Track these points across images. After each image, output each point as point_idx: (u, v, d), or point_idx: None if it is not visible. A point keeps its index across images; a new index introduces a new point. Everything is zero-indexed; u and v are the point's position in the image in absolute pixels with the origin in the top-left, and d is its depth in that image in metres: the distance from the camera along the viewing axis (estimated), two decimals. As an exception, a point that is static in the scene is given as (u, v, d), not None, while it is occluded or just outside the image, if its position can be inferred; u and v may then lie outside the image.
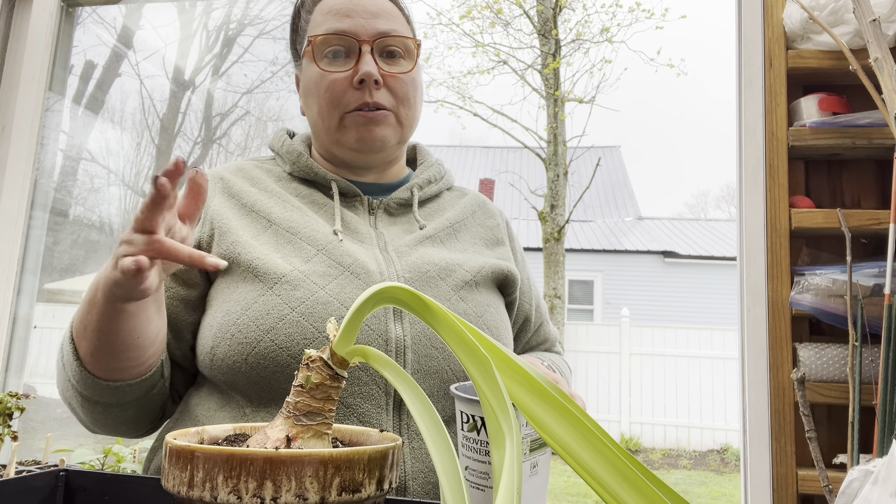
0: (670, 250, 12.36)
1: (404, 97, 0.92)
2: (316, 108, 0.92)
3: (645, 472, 0.42)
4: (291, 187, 0.94)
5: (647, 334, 8.44)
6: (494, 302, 0.94)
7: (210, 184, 0.91)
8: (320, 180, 0.94)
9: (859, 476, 0.59)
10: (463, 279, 0.90)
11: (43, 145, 2.05)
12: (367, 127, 0.90)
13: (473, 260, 0.94)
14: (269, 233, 0.87)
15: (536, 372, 0.46)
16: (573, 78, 9.51)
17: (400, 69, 0.92)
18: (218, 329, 0.82)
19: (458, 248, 0.96)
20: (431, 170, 1.03)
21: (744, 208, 1.56)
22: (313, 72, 0.91)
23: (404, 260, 0.88)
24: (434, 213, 1.00)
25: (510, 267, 0.98)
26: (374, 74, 0.88)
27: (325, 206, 0.92)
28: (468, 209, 1.03)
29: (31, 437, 2.13)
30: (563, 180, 8.73)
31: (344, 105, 0.90)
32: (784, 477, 1.43)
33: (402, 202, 0.97)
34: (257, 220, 0.88)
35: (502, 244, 1.04)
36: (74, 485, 0.66)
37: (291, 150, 0.96)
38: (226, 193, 0.91)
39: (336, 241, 0.86)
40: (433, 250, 0.92)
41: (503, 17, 9.63)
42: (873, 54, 1.28)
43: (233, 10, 2.56)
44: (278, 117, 2.54)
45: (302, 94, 0.96)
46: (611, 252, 12.45)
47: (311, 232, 0.87)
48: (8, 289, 1.93)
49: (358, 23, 0.90)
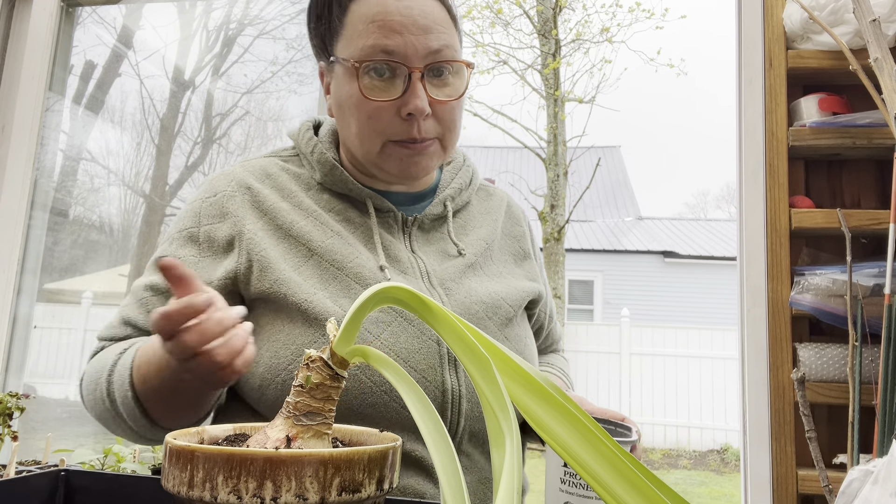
0: (670, 250, 12.35)
1: (451, 123, 0.85)
2: (354, 129, 0.84)
3: (645, 472, 0.42)
4: (323, 200, 0.89)
5: (647, 334, 8.44)
6: (526, 329, 0.95)
7: (237, 194, 0.87)
8: (354, 195, 0.89)
9: (859, 476, 0.59)
10: (506, 315, 0.89)
11: (43, 145, 2.05)
12: (411, 159, 0.84)
13: (511, 289, 0.92)
14: (312, 264, 0.83)
15: (537, 372, 0.46)
16: (573, 78, 9.51)
17: (449, 94, 0.84)
18: (266, 370, 0.79)
19: (495, 272, 0.94)
20: (461, 175, 0.98)
21: (744, 208, 1.56)
22: (353, 91, 0.82)
23: (453, 299, 0.86)
24: (466, 226, 0.96)
25: (539, 289, 0.98)
26: (425, 109, 0.81)
27: (362, 226, 0.88)
28: (498, 220, 1.00)
29: (31, 437, 2.13)
30: (563, 180, 8.73)
31: (388, 134, 0.83)
32: (784, 477, 1.43)
33: (436, 217, 0.93)
34: (297, 248, 0.84)
35: (528, 257, 1.02)
36: (74, 485, 0.66)
37: (323, 159, 0.89)
38: (257, 210, 0.86)
39: (383, 279, 0.83)
40: (476, 282, 0.90)
41: (503, 17, 9.63)
42: (873, 54, 1.28)
43: (233, 10, 2.56)
44: (278, 117, 2.54)
45: (333, 102, 0.88)
46: (611, 252, 12.44)
47: (357, 268, 0.83)
48: (8, 289, 1.93)
49: (408, 42, 0.80)
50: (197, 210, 0.87)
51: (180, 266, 0.59)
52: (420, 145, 0.83)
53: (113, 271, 2.67)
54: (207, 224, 0.85)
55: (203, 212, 0.86)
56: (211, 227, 0.85)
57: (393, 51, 0.80)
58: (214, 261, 0.84)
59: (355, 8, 0.83)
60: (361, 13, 0.82)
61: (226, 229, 0.85)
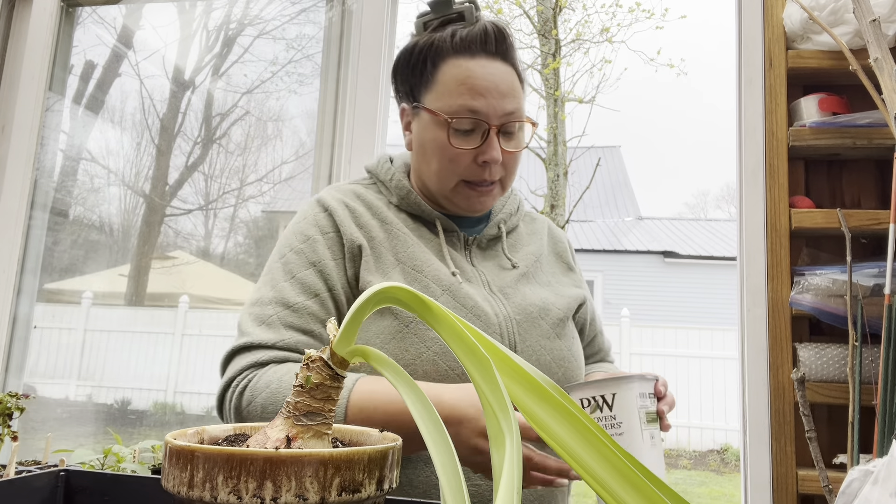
0: (670, 250, 12.35)
1: (513, 169, 1.02)
2: (435, 167, 1.00)
3: (645, 472, 0.42)
4: (400, 219, 1.04)
5: (647, 334, 8.43)
6: (574, 331, 1.07)
7: (339, 209, 1.01)
8: (425, 217, 1.05)
9: (859, 476, 0.59)
10: (557, 317, 1.02)
11: (43, 145, 2.05)
12: (478, 199, 1.01)
13: (560, 295, 1.07)
14: (398, 270, 0.98)
15: (537, 372, 0.46)
16: (573, 78, 9.52)
17: (515, 146, 1.01)
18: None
19: (545, 281, 1.09)
20: (510, 203, 1.14)
21: (744, 208, 1.56)
22: (439, 138, 0.98)
23: (511, 301, 1.00)
24: (517, 244, 1.12)
25: (585, 294, 1.12)
26: (499, 159, 0.98)
27: (431, 242, 1.03)
28: (543, 239, 1.16)
29: (31, 437, 2.13)
30: (563, 180, 8.73)
31: (463, 176, 0.99)
32: (784, 477, 1.43)
33: (491, 237, 1.09)
34: (385, 256, 0.99)
35: (572, 269, 1.17)
36: (74, 485, 0.66)
37: (401, 186, 1.05)
38: (356, 224, 1.01)
39: (456, 282, 0.98)
40: (529, 289, 1.04)
41: (503, 18, 9.63)
42: (873, 54, 1.28)
43: (233, 10, 2.56)
44: (278, 117, 2.54)
45: (416, 142, 1.03)
46: (611, 252, 12.44)
47: (434, 272, 0.98)
48: (8, 289, 1.93)
49: (490, 104, 0.96)
50: (313, 222, 1.02)
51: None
52: (487, 188, 1.01)
53: (113, 271, 2.66)
54: (330, 232, 1.00)
55: (321, 222, 1.01)
56: (333, 234, 1.00)
57: (478, 111, 0.96)
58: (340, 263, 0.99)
59: (446, 69, 0.99)
60: (452, 74, 0.98)
61: (340, 237, 1.00)
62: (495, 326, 0.95)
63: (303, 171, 2.42)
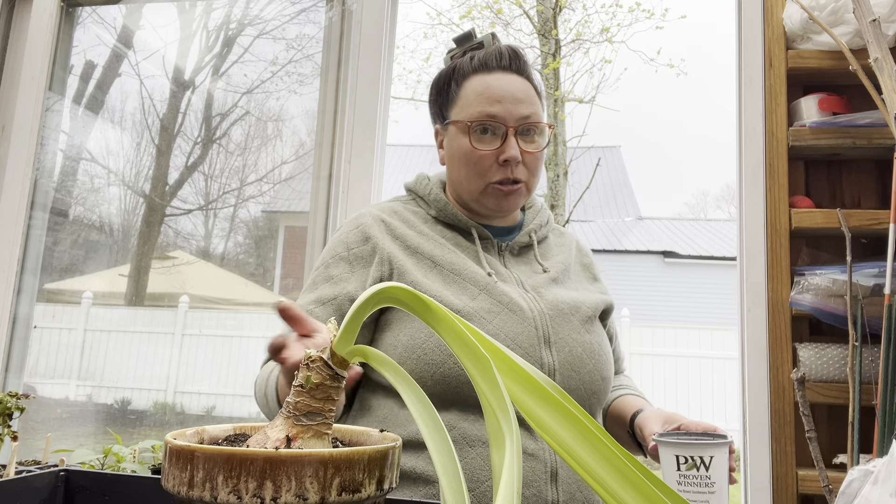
0: (670, 250, 12.35)
1: (535, 170, 1.11)
2: (463, 173, 1.10)
3: (645, 472, 0.42)
4: (437, 229, 1.13)
5: (647, 334, 8.43)
6: (603, 332, 1.15)
7: (374, 224, 1.10)
8: (462, 226, 1.13)
9: (859, 476, 0.59)
10: (586, 314, 1.10)
11: (43, 145, 2.05)
12: (505, 198, 1.09)
13: (588, 297, 1.14)
14: (436, 272, 1.06)
15: (537, 372, 0.46)
16: (573, 78, 9.51)
17: (535, 147, 1.09)
18: (404, 349, 0.99)
19: (573, 287, 1.16)
20: (540, 216, 1.22)
21: (744, 208, 1.56)
22: (464, 144, 1.08)
23: (544, 299, 1.07)
24: (547, 253, 1.19)
25: (611, 301, 1.20)
26: (518, 157, 1.06)
27: (468, 249, 1.11)
28: (571, 251, 1.24)
29: (31, 437, 2.13)
30: (563, 180, 8.73)
31: (489, 177, 1.08)
32: (784, 477, 1.43)
33: (523, 245, 1.16)
34: (423, 261, 1.07)
35: (598, 280, 1.25)
36: (74, 485, 0.66)
37: (439, 199, 1.14)
38: (390, 235, 1.09)
39: (492, 282, 1.05)
40: (559, 290, 1.11)
41: (503, 18, 9.63)
42: (873, 54, 1.28)
43: (233, 10, 2.56)
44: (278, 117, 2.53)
45: (447, 154, 1.15)
46: (611, 252, 12.44)
47: (471, 273, 1.05)
48: (8, 289, 1.93)
49: (506, 109, 1.06)
50: (345, 239, 1.11)
51: (293, 308, 0.73)
52: (512, 187, 1.08)
53: (113, 271, 2.66)
54: (355, 247, 1.09)
55: (350, 239, 1.10)
56: (358, 248, 1.09)
57: (495, 115, 1.06)
58: (364, 271, 1.07)
59: (468, 85, 1.10)
60: (473, 87, 1.09)
61: (369, 248, 1.08)
62: (530, 320, 1.02)
63: (303, 171, 2.42)
